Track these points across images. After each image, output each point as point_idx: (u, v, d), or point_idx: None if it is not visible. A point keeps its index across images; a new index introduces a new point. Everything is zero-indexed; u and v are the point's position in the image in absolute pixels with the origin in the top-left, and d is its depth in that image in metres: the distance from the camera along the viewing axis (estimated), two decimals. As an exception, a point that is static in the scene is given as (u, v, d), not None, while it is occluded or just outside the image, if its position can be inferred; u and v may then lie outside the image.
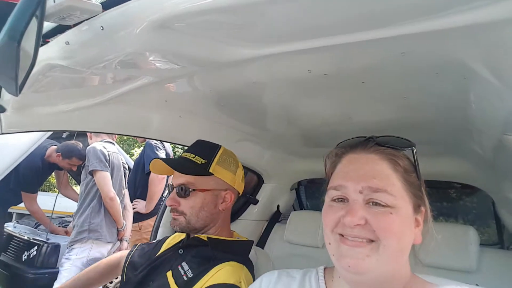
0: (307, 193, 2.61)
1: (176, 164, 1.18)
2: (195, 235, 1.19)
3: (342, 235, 0.67)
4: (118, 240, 2.84)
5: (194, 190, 1.15)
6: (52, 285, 2.57)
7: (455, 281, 0.72)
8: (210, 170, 1.16)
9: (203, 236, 1.16)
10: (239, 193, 1.27)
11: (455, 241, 1.47)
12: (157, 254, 1.25)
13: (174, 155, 3.18)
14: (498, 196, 1.61)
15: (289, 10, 0.61)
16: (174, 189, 1.17)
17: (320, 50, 0.75)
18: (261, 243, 2.08)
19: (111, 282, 2.98)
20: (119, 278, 1.32)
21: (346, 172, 0.72)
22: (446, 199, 2.61)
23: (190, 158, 1.18)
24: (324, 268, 0.83)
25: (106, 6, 0.64)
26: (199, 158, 1.18)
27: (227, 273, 1.04)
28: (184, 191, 1.15)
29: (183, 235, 1.27)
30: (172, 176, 1.23)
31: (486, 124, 1.00)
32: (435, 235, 0.73)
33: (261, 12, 0.62)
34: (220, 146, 1.25)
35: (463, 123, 1.09)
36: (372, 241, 0.65)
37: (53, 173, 3.76)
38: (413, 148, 0.74)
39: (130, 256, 1.32)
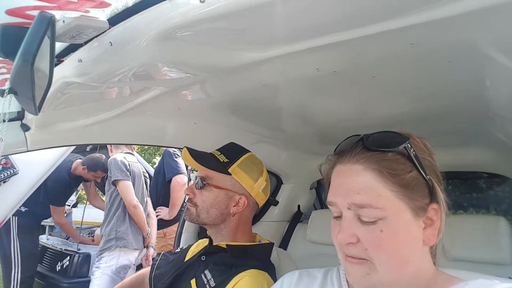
0: (328, 191, 2.58)
1: (198, 155, 1.20)
2: (215, 244, 1.20)
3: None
4: (144, 247, 2.91)
5: (209, 184, 1.17)
6: (85, 293, 2.66)
7: (486, 275, 0.69)
8: (229, 170, 1.17)
9: (223, 244, 1.17)
10: (257, 204, 1.24)
11: (485, 232, 1.40)
12: (182, 262, 1.27)
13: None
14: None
15: (291, 10, 0.61)
16: (195, 181, 1.20)
17: (326, 48, 0.74)
18: (284, 244, 2.06)
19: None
20: None
21: (335, 187, 0.70)
22: (475, 190, 2.51)
23: (215, 154, 1.21)
24: None
25: (112, 22, 0.66)
26: (223, 156, 1.20)
27: (249, 283, 1.03)
28: (200, 183, 1.18)
29: (206, 242, 1.27)
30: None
31: (506, 110, 0.96)
32: (455, 227, 0.70)
33: (263, 15, 0.62)
34: (249, 151, 1.25)
35: (483, 110, 1.05)
36: (366, 259, 0.64)
37: (81, 185, 3.90)
38: (407, 144, 0.65)
39: (155, 266, 1.33)
